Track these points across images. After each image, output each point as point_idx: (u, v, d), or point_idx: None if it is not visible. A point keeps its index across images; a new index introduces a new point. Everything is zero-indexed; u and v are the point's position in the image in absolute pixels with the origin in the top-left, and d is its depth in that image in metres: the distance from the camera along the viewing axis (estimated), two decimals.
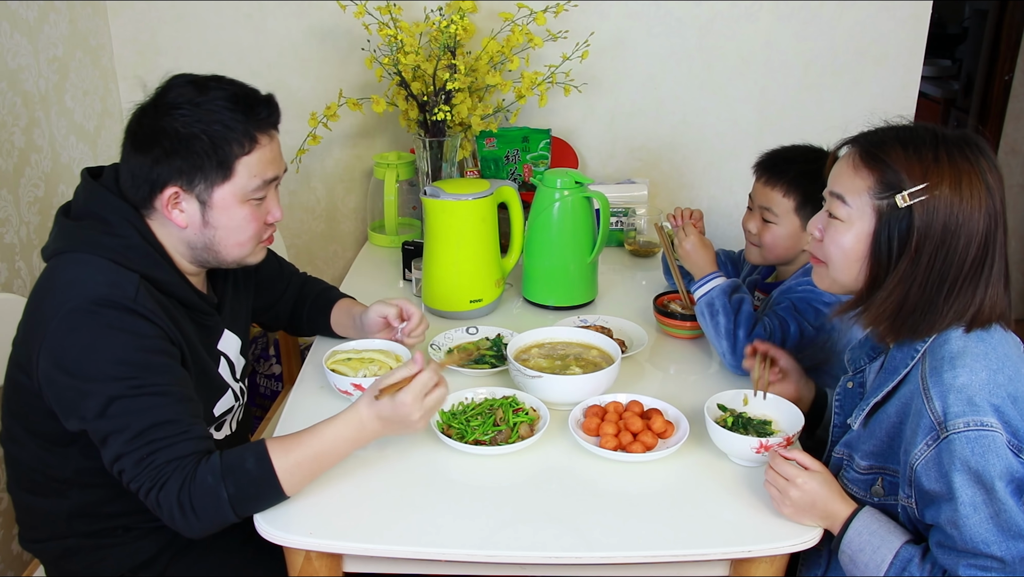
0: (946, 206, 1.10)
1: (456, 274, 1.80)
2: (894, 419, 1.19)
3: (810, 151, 1.66)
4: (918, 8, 2.26)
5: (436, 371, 1.26)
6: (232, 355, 1.48)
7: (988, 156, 1.14)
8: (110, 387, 1.17)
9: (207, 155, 1.26)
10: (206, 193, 1.29)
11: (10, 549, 1.87)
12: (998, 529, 1.07)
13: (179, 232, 1.32)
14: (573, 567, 1.28)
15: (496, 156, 2.24)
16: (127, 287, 1.22)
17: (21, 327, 1.29)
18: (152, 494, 1.17)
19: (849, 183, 1.18)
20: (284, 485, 1.20)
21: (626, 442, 1.35)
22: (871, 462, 1.23)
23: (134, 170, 1.29)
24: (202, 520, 1.17)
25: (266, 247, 1.43)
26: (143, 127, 1.28)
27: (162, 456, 1.17)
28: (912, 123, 1.20)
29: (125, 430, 1.17)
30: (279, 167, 1.36)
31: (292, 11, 2.29)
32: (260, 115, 1.30)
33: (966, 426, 1.07)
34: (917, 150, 1.13)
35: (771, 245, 1.69)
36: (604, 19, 2.28)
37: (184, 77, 1.30)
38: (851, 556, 1.18)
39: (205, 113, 1.26)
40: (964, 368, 1.10)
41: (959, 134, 1.15)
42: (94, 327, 1.19)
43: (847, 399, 1.34)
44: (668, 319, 1.76)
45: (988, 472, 1.06)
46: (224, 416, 1.46)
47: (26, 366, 1.25)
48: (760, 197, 1.69)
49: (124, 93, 2.36)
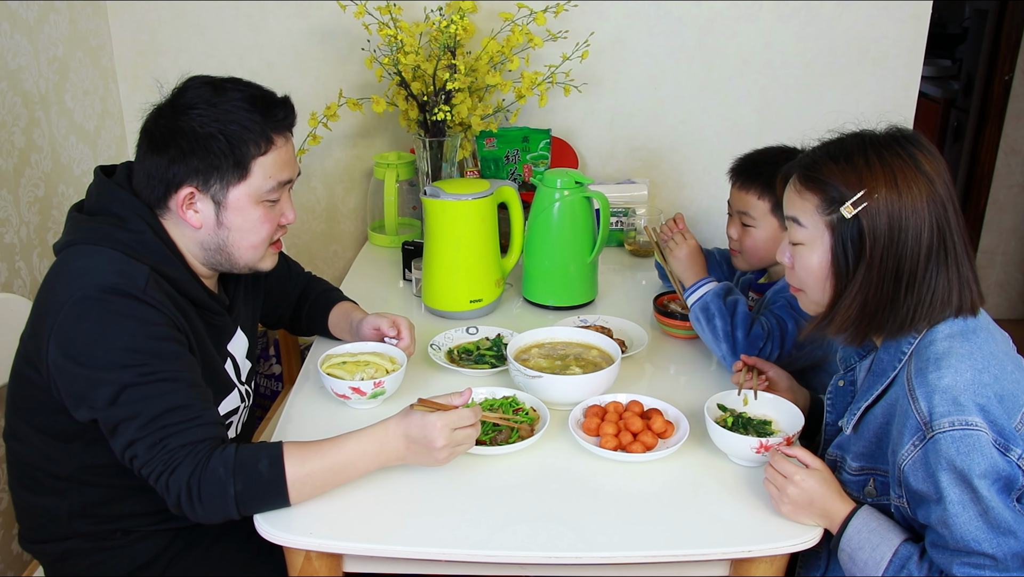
0: (887, 205, 1.12)
1: (456, 274, 1.80)
2: (881, 420, 1.20)
3: (782, 152, 1.66)
4: (918, 8, 2.26)
5: (476, 413, 1.26)
6: (239, 357, 1.48)
7: (921, 145, 1.16)
8: (120, 375, 1.17)
9: (224, 155, 1.26)
10: (221, 193, 1.29)
11: (10, 549, 1.87)
12: (987, 526, 1.07)
13: (193, 233, 1.32)
14: (573, 567, 1.28)
15: (496, 156, 2.24)
16: (137, 277, 1.22)
17: (30, 320, 1.29)
18: (163, 477, 1.16)
19: (798, 206, 1.21)
20: (291, 494, 1.19)
21: (626, 442, 1.35)
22: (862, 463, 1.24)
23: (150, 170, 1.28)
24: (207, 509, 1.17)
25: (277, 252, 1.43)
26: (160, 127, 1.28)
27: (175, 440, 1.17)
28: (843, 135, 1.22)
29: (137, 417, 1.17)
30: (293, 170, 1.37)
31: (292, 11, 2.29)
32: (277, 116, 1.31)
33: (951, 425, 1.08)
34: (848, 160, 1.16)
35: (752, 249, 1.69)
36: (604, 19, 2.28)
37: (201, 78, 1.31)
38: (850, 554, 1.18)
39: (222, 113, 1.26)
40: (949, 369, 1.11)
41: (887, 133, 1.18)
42: (103, 314, 1.19)
43: (839, 397, 1.35)
44: (668, 319, 1.76)
45: (972, 471, 1.07)
46: (230, 416, 1.46)
47: (34, 358, 1.25)
48: (737, 202, 1.70)
49: (124, 93, 2.36)
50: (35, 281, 1.92)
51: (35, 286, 1.92)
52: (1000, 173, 3.78)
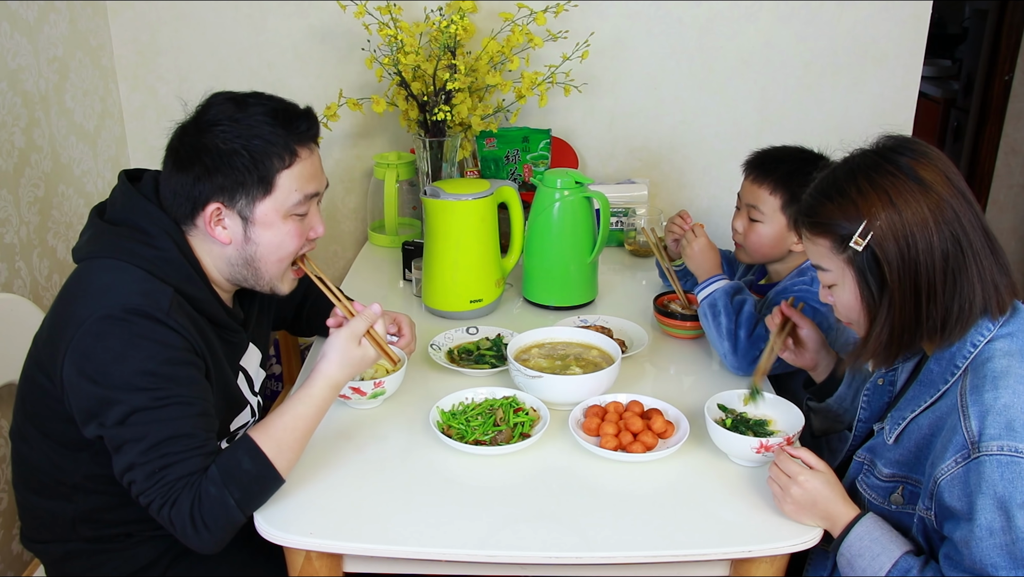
0: (891, 226, 1.11)
1: (456, 274, 1.80)
2: (926, 431, 1.18)
3: (799, 152, 1.67)
4: (918, 8, 2.26)
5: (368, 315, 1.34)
6: (252, 369, 1.49)
7: (912, 150, 1.14)
8: (134, 397, 1.17)
9: (248, 171, 1.26)
10: (248, 209, 1.29)
11: (10, 549, 1.87)
12: (1009, 557, 1.04)
13: (221, 249, 1.32)
14: (573, 567, 1.28)
15: (496, 156, 2.24)
16: (161, 299, 1.22)
17: (47, 326, 1.28)
18: (164, 511, 1.17)
19: (816, 252, 1.21)
20: (280, 470, 1.21)
21: (626, 442, 1.35)
22: (895, 471, 1.21)
23: (176, 188, 1.29)
24: (214, 532, 1.17)
25: (297, 278, 1.43)
26: (184, 145, 1.28)
27: (174, 472, 1.17)
28: (831, 165, 1.21)
29: (142, 440, 1.17)
30: (320, 183, 1.36)
31: (292, 11, 2.29)
32: (300, 128, 1.30)
33: (999, 450, 1.05)
34: (842, 194, 1.15)
35: (756, 244, 1.70)
36: (604, 19, 2.28)
37: (224, 95, 1.31)
38: (849, 560, 1.18)
39: (245, 128, 1.26)
40: (1007, 389, 1.08)
41: (875, 149, 1.17)
42: (124, 336, 1.18)
43: (875, 396, 1.34)
44: (668, 319, 1.76)
45: (1014, 499, 1.03)
46: (240, 431, 1.46)
47: (48, 367, 1.24)
48: (748, 195, 1.70)
49: (124, 93, 2.36)
50: (35, 281, 1.92)
51: (35, 286, 1.92)
52: (1000, 173, 3.78)
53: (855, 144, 1.20)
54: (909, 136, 1.19)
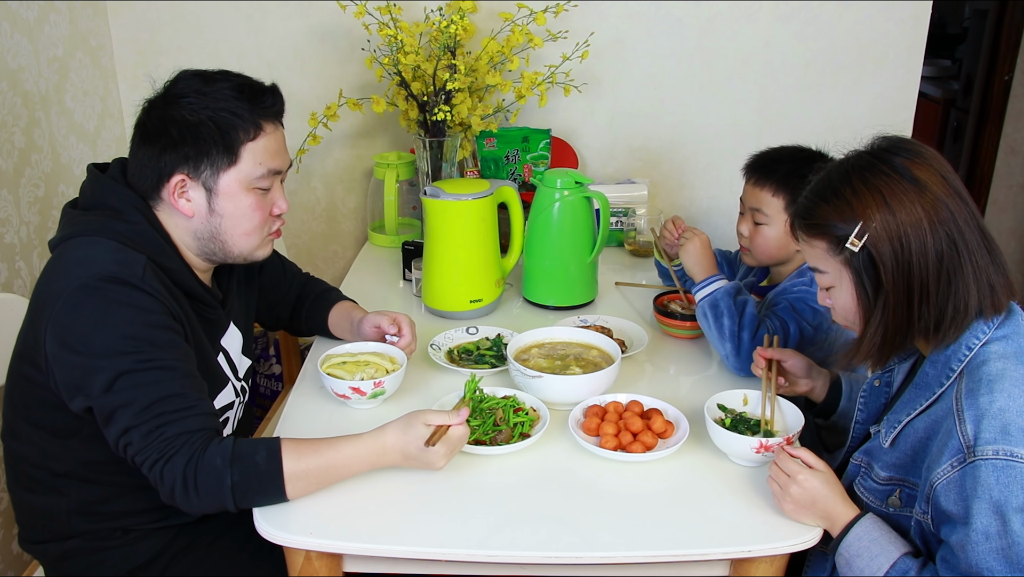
0: (886, 226, 1.11)
1: (456, 274, 1.80)
2: (922, 435, 1.17)
3: (797, 151, 1.66)
4: (918, 8, 2.27)
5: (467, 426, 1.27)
6: (233, 352, 1.48)
7: (908, 151, 1.14)
8: (117, 362, 1.18)
9: (213, 140, 1.28)
10: (212, 180, 1.30)
11: (10, 549, 1.87)
12: (1005, 561, 1.04)
13: (186, 223, 1.33)
14: (573, 567, 1.28)
15: (496, 156, 2.24)
16: (135, 265, 1.23)
17: (28, 314, 1.29)
18: (157, 466, 1.17)
19: (813, 254, 1.21)
20: (288, 488, 1.20)
21: (626, 442, 1.35)
22: (892, 474, 1.21)
23: (142, 161, 1.31)
24: (202, 499, 1.17)
25: (273, 241, 1.44)
26: (151, 118, 1.31)
27: (171, 429, 1.17)
28: (827, 167, 1.21)
29: (132, 404, 1.17)
30: (284, 160, 1.38)
31: (292, 11, 2.29)
32: (265, 103, 1.33)
33: (995, 454, 1.04)
34: (837, 195, 1.15)
35: (763, 247, 1.69)
36: (604, 19, 2.28)
37: (191, 71, 1.34)
38: (847, 560, 1.18)
39: (212, 101, 1.29)
40: (1002, 392, 1.07)
41: (870, 149, 1.17)
42: (100, 303, 1.19)
43: (872, 398, 1.34)
44: (668, 319, 1.76)
45: (1009, 504, 1.03)
46: (225, 411, 1.46)
47: (32, 352, 1.25)
48: (750, 198, 1.69)
49: (124, 93, 2.36)
50: (35, 281, 1.92)
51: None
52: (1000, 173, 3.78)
53: (850, 145, 1.20)
54: (904, 136, 1.18)
